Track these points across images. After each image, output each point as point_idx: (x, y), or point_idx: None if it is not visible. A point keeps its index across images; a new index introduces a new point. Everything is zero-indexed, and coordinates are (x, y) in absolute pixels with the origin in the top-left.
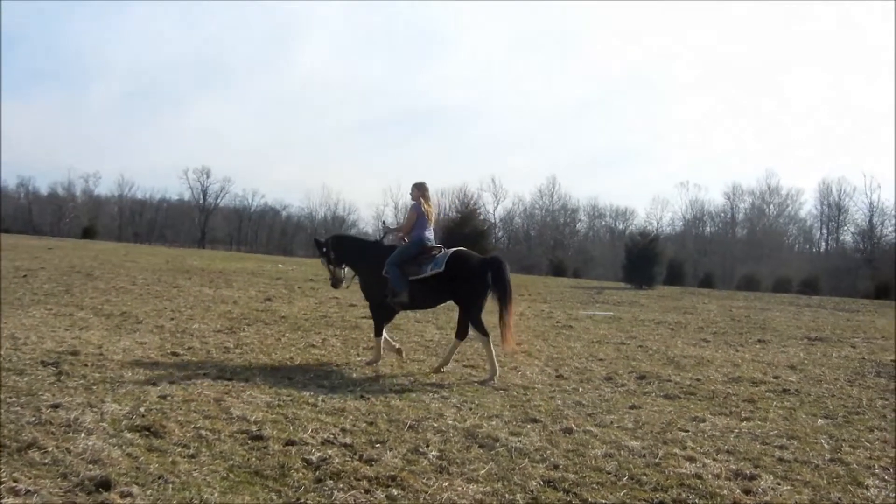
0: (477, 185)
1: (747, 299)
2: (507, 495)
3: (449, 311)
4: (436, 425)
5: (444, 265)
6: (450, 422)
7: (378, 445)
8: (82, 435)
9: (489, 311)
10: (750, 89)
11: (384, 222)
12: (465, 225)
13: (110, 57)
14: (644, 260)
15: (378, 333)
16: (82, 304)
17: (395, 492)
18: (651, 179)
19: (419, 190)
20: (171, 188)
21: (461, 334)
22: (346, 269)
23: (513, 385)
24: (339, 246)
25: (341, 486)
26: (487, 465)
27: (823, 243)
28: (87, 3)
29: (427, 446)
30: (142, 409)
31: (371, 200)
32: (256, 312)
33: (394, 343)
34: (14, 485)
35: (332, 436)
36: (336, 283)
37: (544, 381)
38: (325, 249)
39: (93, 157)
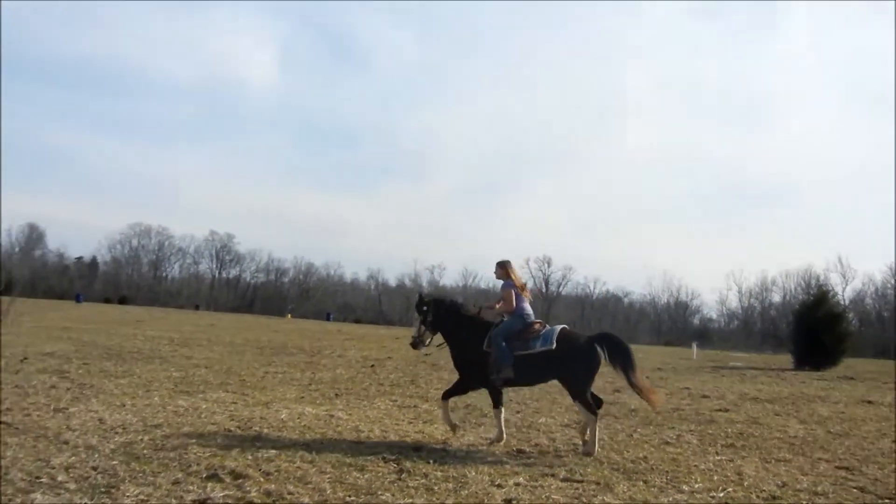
0: (823, 265)
1: None
2: None
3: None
4: None
5: (555, 342)
6: None
7: None
8: None
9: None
10: None
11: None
12: (818, 308)
13: (449, 154)
14: None
15: (446, 397)
16: (427, 395)
17: None
18: None
19: (504, 268)
20: None
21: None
22: (434, 337)
23: None
24: (438, 310)
25: None
26: None
27: None
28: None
29: None
30: None
31: (714, 285)
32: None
33: (451, 418)
34: None
35: None
36: (417, 344)
37: None
38: (425, 308)
39: (437, 249)
